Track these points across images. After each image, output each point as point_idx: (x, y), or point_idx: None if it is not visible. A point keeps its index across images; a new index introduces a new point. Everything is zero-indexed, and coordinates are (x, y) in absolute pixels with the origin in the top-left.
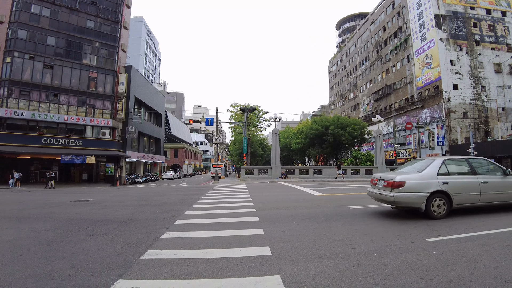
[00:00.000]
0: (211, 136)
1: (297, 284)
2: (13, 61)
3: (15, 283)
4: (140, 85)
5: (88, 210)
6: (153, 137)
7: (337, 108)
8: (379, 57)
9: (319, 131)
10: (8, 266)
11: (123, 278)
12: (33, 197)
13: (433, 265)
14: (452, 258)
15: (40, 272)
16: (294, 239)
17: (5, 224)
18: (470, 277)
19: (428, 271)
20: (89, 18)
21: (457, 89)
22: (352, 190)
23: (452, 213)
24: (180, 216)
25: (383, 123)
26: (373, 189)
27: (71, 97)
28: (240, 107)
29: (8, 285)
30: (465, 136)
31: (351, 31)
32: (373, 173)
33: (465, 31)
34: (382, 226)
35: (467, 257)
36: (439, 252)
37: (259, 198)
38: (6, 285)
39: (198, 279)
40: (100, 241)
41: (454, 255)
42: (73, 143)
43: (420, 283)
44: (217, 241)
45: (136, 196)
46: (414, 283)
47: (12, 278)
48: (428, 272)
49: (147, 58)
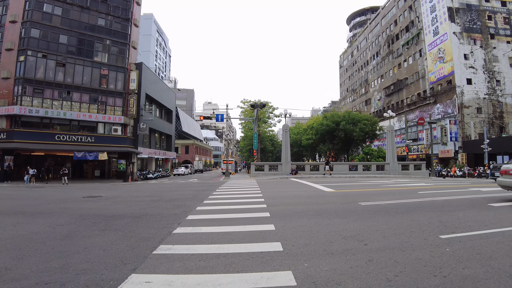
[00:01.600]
0: (221, 132)
1: (309, 280)
2: (27, 59)
3: (32, 276)
4: (151, 82)
5: (101, 205)
6: (164, 133)
7: (348, 103)
8: (391, 51)
9: (330, 127)
10: (25, 259)
11: (136, 273)
12: (47, 193)
13: (446, 262)
14: (466, 255)
15: (55, 266)
16: (305, 235)
17: (21, 219)
18: (484, 275)
19: (441, 268)
20: (100, 16)
21: (470, 83)
22: (363, 186)
23: (466, 209)
24: (191, 211)
25: (395, 119)
26: (508, 179)
27: (83, 95)
28: (250, 103)
29: (25, 278)
30: (478, 132)
31: (362, 25)
32: (384, 169)
33: (480, 24)
34: (394, 223)
35: (482, 255)
36: (453, 249)
37: (270, 194)
38: (23, 278)
39: (210, 274)
40: (113, 236)
41: (468, 253)
42: (85, 140)
43: (433, 280)
44: (229, 237)
45: (148, 192)
46: (427, 280)
47: (28, 272)
48: (441, 269)
49: (157, 55)
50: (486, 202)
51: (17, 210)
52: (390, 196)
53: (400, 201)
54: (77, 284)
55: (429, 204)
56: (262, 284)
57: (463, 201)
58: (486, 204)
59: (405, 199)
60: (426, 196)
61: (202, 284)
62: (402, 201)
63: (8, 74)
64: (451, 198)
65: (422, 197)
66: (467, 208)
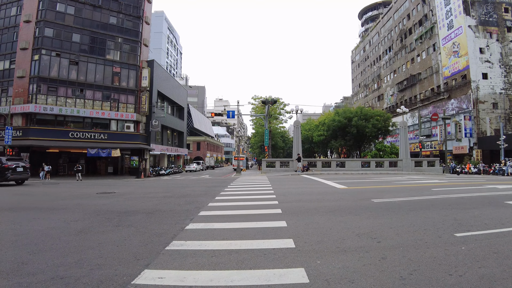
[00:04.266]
0: (232, 129)
1: (321, 277)
2: (41, 58)
3: (48, 270)
4: (163, 79)
5: (114, 201)
6: (176, 130)
7: (360, 99)
8: (404, 46)
9: (342, 123)
10: (41, 254)
11: (149, 268)
12: (62, 189)
13: (462, 261)
14: (482, 254)
15: (70, 261)
16: (317, 232)
17: (37, 214)
18: (501, 274)
19: (457, 267)
20: (111, 15)
21: (486, 78)
22: (376, 183)
23: (481, 207)
24: (203, 207)
25: (408, 115)
26: None
27: (96, 92)
28: (261, 99)
29: (41, 272)
30: (494, 128)
31: (374, 20)
32: (397, 166)
33: (496, 17)
34: (408, 220)
35: (499, 254)
36: (468, 247)
37: (281, 190)
38: (39, 272)
39: (223, 270)
40: (126, 232)
41: (484, 251)
42: (98, 137)
43: (448, 279)
44: (241, 233)
45: (160, 188)
46: (443, 279)
47: (44, 266)
48: (457, 268)
49: (168, 52)
50: (503, 200)
51: (32, 206)
52: (403, 193)
53: (413, 198)
54: (91, 279)
55: (443, 202)
56: (274, 281)
57: (478, 199)
58: (503, 202)
59: (419, 196)
60: (440, 193)
61: (214, 281)
62: (415, 198)
63: (23, 73)
64: (465, 195)
65: (436, 194)
66: (483, 205)
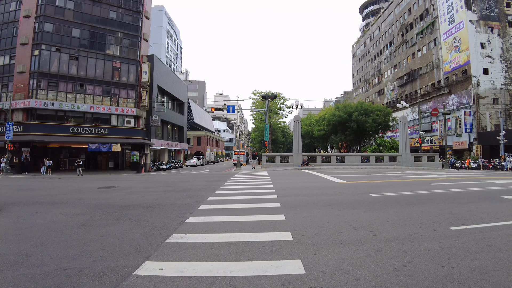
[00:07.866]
0: (232, 123)
1: (317, 269)
2: (41, 53)
3: (51, 263)
4: (163, 74)
5: (115, 196)
6: (176, 125)
7: (361, 94)
8: (404, 41)
9: (342, 117)
10: (44, 247)
11: (150, 260)
12: (63, 184)
13: (455, 253)
14: (476, 247)
15: (73, 253)
16: (315, 225)
17: (39, 208)
18: (493, 266)
19: (450, 259)
20: (111, 9)
21: (487, 73)
22: (375, 177)
23: (478, 201)
24: (203, 201)
25: (408, 110)
26: None
27: (96, 87)
28: (261, 94)
29: (45, 264)
30: (494, 123)
31: (375, 14)
32: (397, 161)
33: (497, 11)
34: (404, 214)
35: (491, 247)
36: (462, 240)
37: (281, 185)
38: (43, 264)
39: (221, 262)
40: (128, 225)
41: (478, 244)
42: (99, 132)
43: (441, 270)
44: (240, 226)
45: (161, 183)
46: (435, 271)
47: (48, 258)
48: (450, 260)
49: (168, 47)
50: (500, 194)
51: (35, 201)
52: (402, 187)
53: (411, 193)
54: (94, 270)
55: (441, 196)
56: (271, 272)
57: (475, 193)
58: (500, 197)
59: (417, 190)
60: (438, 188)
61: (213, 271)
62: (413, 192)
63: (23, 68)
64: (463, 190)
65: (434, 188)
66: (480, 200)
